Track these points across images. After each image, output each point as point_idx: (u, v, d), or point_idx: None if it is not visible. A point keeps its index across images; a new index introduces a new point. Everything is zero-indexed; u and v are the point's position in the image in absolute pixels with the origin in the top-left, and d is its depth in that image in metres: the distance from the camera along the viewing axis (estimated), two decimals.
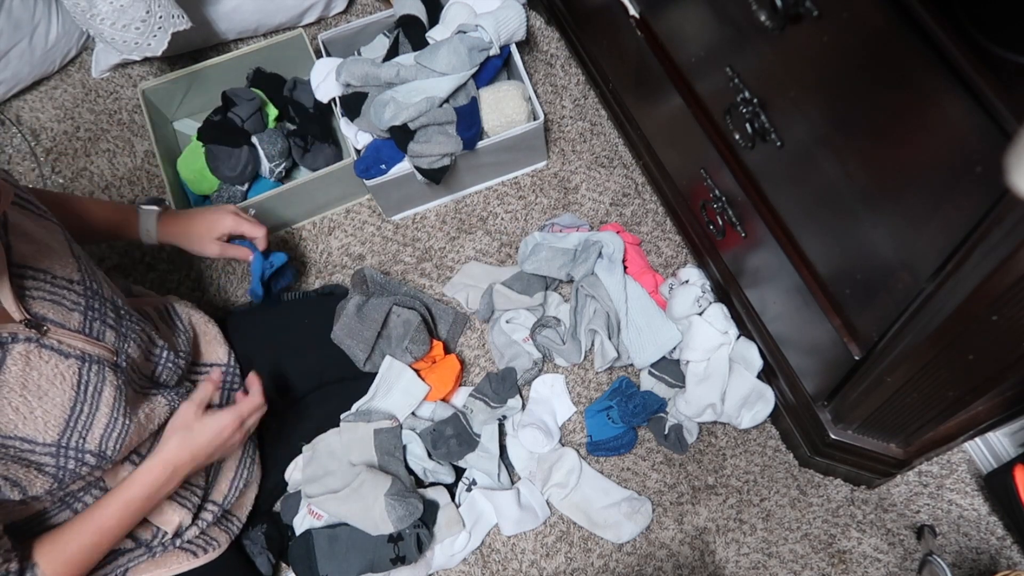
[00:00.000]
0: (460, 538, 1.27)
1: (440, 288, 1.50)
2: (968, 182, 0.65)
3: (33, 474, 0.87)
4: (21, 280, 0.87)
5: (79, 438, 0.90)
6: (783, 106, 0.90)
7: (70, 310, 0.91)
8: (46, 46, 1.69)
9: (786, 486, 1.31)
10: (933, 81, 0.63)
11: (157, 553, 1.07)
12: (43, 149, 1.71)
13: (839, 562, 1.26)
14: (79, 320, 0.92)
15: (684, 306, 1.32)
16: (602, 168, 1.57)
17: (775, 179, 1.01)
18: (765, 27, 0.82)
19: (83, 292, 0.93)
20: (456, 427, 1.29)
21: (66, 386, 0.89)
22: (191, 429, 1.01)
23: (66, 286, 0.92)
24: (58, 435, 0.88)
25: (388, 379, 1.32)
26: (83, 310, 0.93)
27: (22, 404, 0.85)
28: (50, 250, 0.92)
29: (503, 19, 1.42)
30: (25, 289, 0.87)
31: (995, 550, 1.24)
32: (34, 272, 0.89)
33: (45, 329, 0.88)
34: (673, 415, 1.33)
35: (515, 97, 1.43)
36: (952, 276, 0.72)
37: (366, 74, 1.42)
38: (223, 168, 1.49)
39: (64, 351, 0.89)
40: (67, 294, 0.92)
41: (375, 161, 1.43)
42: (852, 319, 0.96)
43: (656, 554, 1.29)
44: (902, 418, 1.04)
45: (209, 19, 1.67)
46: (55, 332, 0.89)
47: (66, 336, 0.90)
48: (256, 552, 1.23)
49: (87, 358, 0.91)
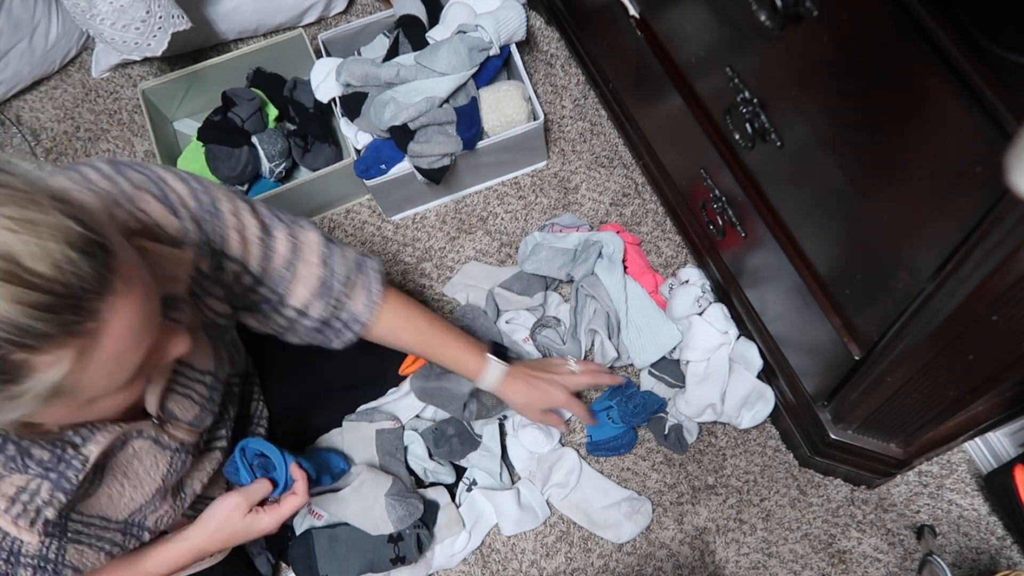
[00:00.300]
0: (460, 538, 1.27)
1: (440, 288, 1.50)
2: (968, 182, 0.65)
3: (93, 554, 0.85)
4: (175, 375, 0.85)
5: (143, 517, 0.89)
6: (783, 106, 0.90)
7: (194, 403, 0.88)
8: (46, 46, 1.69)
9: (786, 486, 1.31)
10: (933, 81, 0.63)
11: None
12: (43, 149, 1.71)
13: (839, 562, 1.26)
14: (196, 413, 0.89)
15: (684, 306, 1.32)
16: (602, 168, 1.57)
17: (775, 179, 1.01)
18: (765, 27, 0.82)
19: (211, 383, 0.90)
20: (457, 427, 1.29)
21: (157, 476, 0.87)
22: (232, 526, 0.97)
23: (199, 379, 0.88)
24: (129, 514, 0.87)
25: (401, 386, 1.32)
26: (204, 402, 0.90)
27: (115, 491, 0.83)
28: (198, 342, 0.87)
29: (503, 19, 1.42)
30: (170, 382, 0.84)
31: (995, 550, 1.24)
32: (180, 367, 0.86)
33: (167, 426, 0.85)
34: (673, 415, 1.33)
35: (515, 97, 1.43)
36: (952, 276, 0.72)
37: (366, 74, 1.42)
38: (223, 168, 1.49)
39: (165, 444, 0.86)
40: (198, 387, 0.88)
41: (375, 161, 1.43)
42: (852, 319, 0.96)
43: (656, 554, 1.29)
44: (902, 418, 1.04)
45: (209, 19, 1.67)
46: (171, 427, 0.86)
47: (176, 430, 0.87)
48: (256, 552, 1.24)
49: (181, 448, 0.89)
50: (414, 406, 1.32)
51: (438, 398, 1.26)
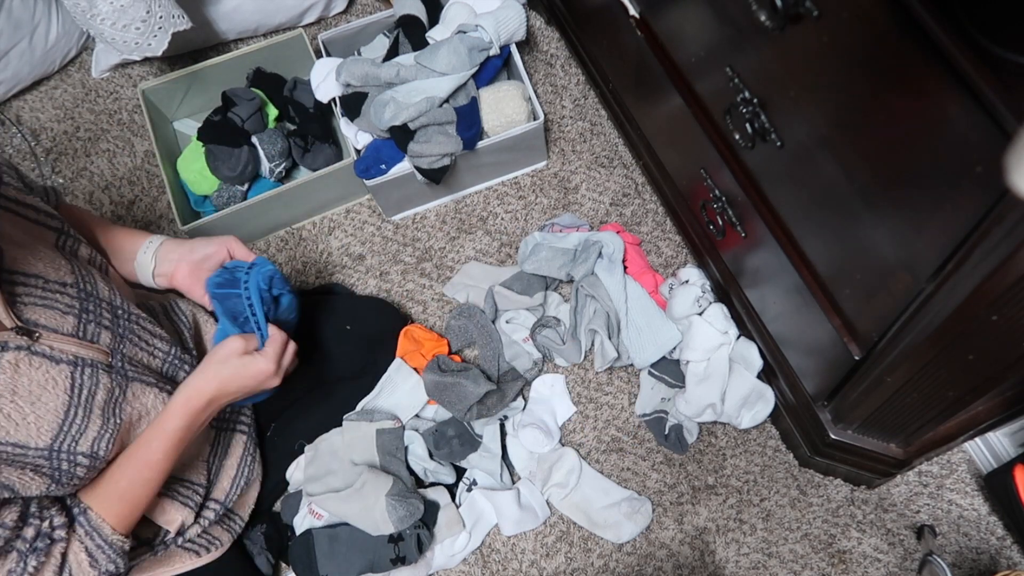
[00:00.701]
0: (460, 538, 1.27)
1: (440, 288, 1.50)
2: (968, 182, 0.65)
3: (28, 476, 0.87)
4: (12, 286, 0.87)
5: (72, 441, 0.90)
6: (783, 106, 0.90)
7: (64, 314, 0.90)
8: (46, 46, 1.69)
9: (786, 486, 1.31)
10: (933, 81, 0.63)
11: (160, 552, 1.07)
12: (43, 149, 1.71)
13: (839, 562, 1.26)
14: (73, 323, 0.91)
15: (684, 306, 1.32)
16: (602, 168, 1.57)
17: (775, 179, 1.01)
18: (765, 27, 0.82)
19: (77, 295, 0.93)
20: (458, 428, 1.29)
21: (59, 391, 0.88)
22: (228, 364, 0.99)
23: (59, 290, 0.91)
24: (51, 439, 0.87)
25: (395, 380, 1.32)
26: (77, 313, 0.92)
27: (14, 411, 0.84)
28: (41, 254, 0.91)
29: (503, 19, 1.42)
30: (16, 295, 0.87)
31: (995, 550, 1.24)
32: (25, 277, 0.88)
33: (37, 335, 0.87)
34: (673, 415, 1.33)
35: (515, 97, 1.43)
36: (952, 276, 0.72)
37: (366, 74, 1.42)
38: (223, 168, 1.49)
39: (56, 356, 0.88)
40: (60, 298, 0.91)
41: (375, 161, 1.43)
42: (852, 319, 0.96)
43: (656, 554, 1.29)
44: (902, 418, 1.04)
45: (209, 19, 1.67)
46: (47, 337, 0.88)
47: (58, 341, 0.89)
48: (256, 552, 1.23)
49: (80, 362, 0.91)
50: (414, 405, 1.32)
51: (448, 394, 1.26)
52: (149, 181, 1.66)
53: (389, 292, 1.51)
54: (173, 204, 1.47)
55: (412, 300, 1.50)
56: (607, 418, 1.38)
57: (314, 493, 1.24)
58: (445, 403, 1.28)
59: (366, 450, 1.26)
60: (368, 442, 1.27)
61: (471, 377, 1.27)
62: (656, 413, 1.34)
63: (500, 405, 1.30)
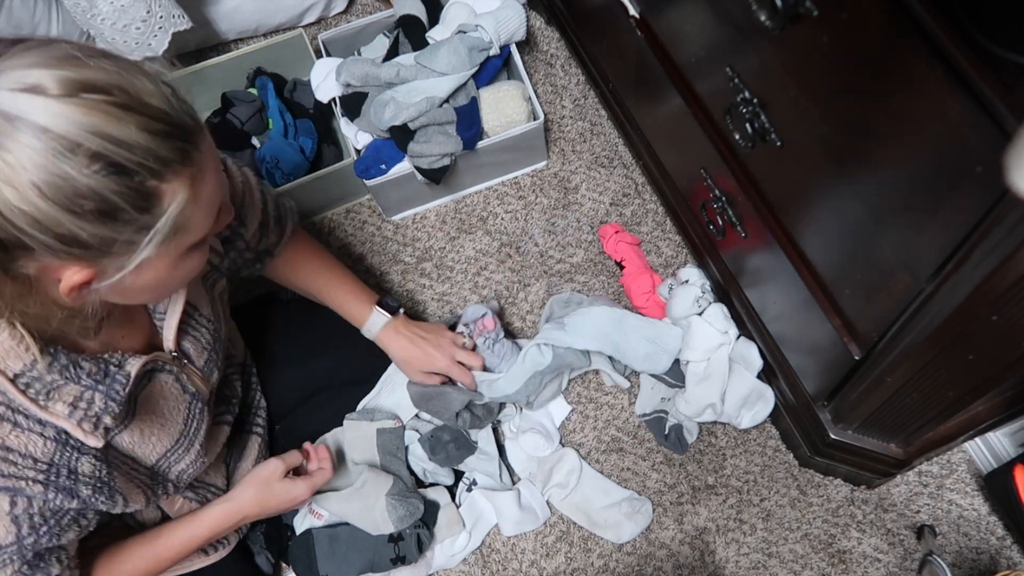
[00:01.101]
0: (460, 538, 1.27)
1: (440, 288, 1.50)
2: (968, 182, 0.65)
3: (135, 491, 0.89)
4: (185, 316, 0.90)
5: (167, 465, 0.93)
6: (783, 106, 0.90)
7: (203, 349, 0.94)
8: None
9: (786, 486, 1.31)
10: (933, 81, 0.63)
11: None
12: None
13: (839, 562, 1.26)
14: (204, 359, 0.94)
15: (684, 306, 1.32)
16: (602, 168, 1.57)
17: (775, 179, 1.01)
18: (765, 27, 0.82)
19: (212, 330, 0.96)
20: (453, 432, 1.28)
21: (179, 418, 0.91)
22: (271, 487, 1.05)
23: (205, 325, 0.95)
24: (157, 459, 0.90)
25: (395, 379, 1.32)
26: (209, 350, 0.95)
27: (147, 426, 0.87)
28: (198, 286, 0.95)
29: (503, 19, 1.42)
30: (182, 322, 0.90)
31: (995, 550, 1.24)
32: (193, 309, 0.92)
33: (185, 364, 0.91)
34: (673, 415, 1.33)
35: (515, 97, 1.43)
36: (952, 276, 0.72)
37: (366, 74, 1.42)
38: None
39: (186, 387, 0.92)
40: (204, 333, 0.94)
41: (375, 161, 1.43)
42: (852, 319, 0.96)
43: (656, 554, 1.29)
44: (902, 418, 1.04)
45: (209, 19, 1.67)
46: (187, 368, 0.92)
47: (192, 373, 0.93)
48: (256, 551, 1.23)
49: (198, 396, 0.94)
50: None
51: (433, 404, 1.26)
52: None
53: (389, 292, 1.51)
54: None
55: (412, 300, 1.50)
56: (607, 418, 1.38)
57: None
58: (432, 412, 1.28)
59: (366, 449, 1.26)
60: (368, 442, 1.26)
61: (455, 385, 1.26)
62: (656, 413, 1.34)
63: (491, 415, 1.30)
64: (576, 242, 1.51)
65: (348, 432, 1.28)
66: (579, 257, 1.50)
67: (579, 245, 1.51)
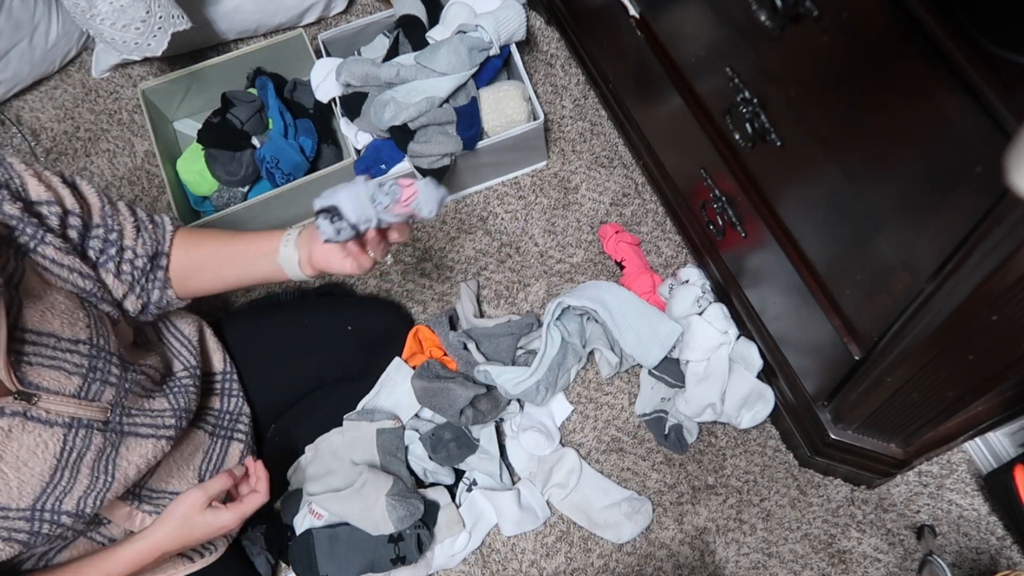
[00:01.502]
0: (460, 538, 1.27)
1: (440, 287, 1.50)
2: (968, 182, 0.65)
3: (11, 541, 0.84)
4: (22, 345, 0.82)
5: (55, 501, 0.87)
6: (783, 106, 0.90)
7: (70, 374, 0.86)
8: (46, 46, 1.69)
9: (786, 486, 1.31)
10: (933, 81, 0.63)
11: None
12: (43, 149, 1.71)
13: (839, 562, 1.26)
14: (78, 384, 0.87)
15: (684, 306, 1.32)
16: (602, 168, 1.57)
17: (775, 179, 1.01)
18: (765, 27, 0.82)
19: (88, 352, 0.88)
20: (455, 431, 1.28)
21: (48, 455, 0.85)
22: (190, 523, 0.97)
23: (70, 348, 0.86)
24: (33, 500, 0.85)
25: (394, 379, 1.32)
26: (85, 372, 0.87)
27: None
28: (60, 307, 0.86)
29: (503, 19, 1.42)
30: (24, 355, 0.82)
31: (995, 550, 1.24)
32: (38, 336, 0.83)
33: (36, 399, 0.83)
34: (673, 415, 1.33)
35: (515, 97, 1.43)
36: (952, 276, 0.72)
37: (366, 74, 1.42)
38: (222, 172, 1.49)
39: (51, 420, 0.85)
40: (70, 356, 0.86)
41: (375, 161, 1.44)
42: (852, 319, 0.96)
43: (656, 554, 1.29)
44: (902, 418, 1.04)
45: (209, 19, 1.67)
46: (46, 400, 0.84)
47: (57, 403, 0.85)
48: (255, 552, 1.23)
49: (75, 423, 0.87)
50: (414, 404, 1.31)
51: (438, 399, 1.26)
52: (149, 181, 1.66)
53: (389, 292, 1.51)
54: (173, 204, 1.47)
55: (412, 300, 1.50)
56: (607, 418, 1.38)
57: (314, 493, 1.24)
58: (436, 408, 1.28)
59: (366, 450, 1.26)
60: (368, 442, 1.27)
61: (459, 381, 1.26)
62: (656, 413, 1.34)
63: (495, 411, 1.30)
64: (576, 242, 1.51)
65: (348, 432, 1.28)
66: (579, 257, 1.50)
67: (579, 245, 1.51)
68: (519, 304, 1.48)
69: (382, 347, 1.34)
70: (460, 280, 1.50)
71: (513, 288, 1.49)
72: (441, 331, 1.36)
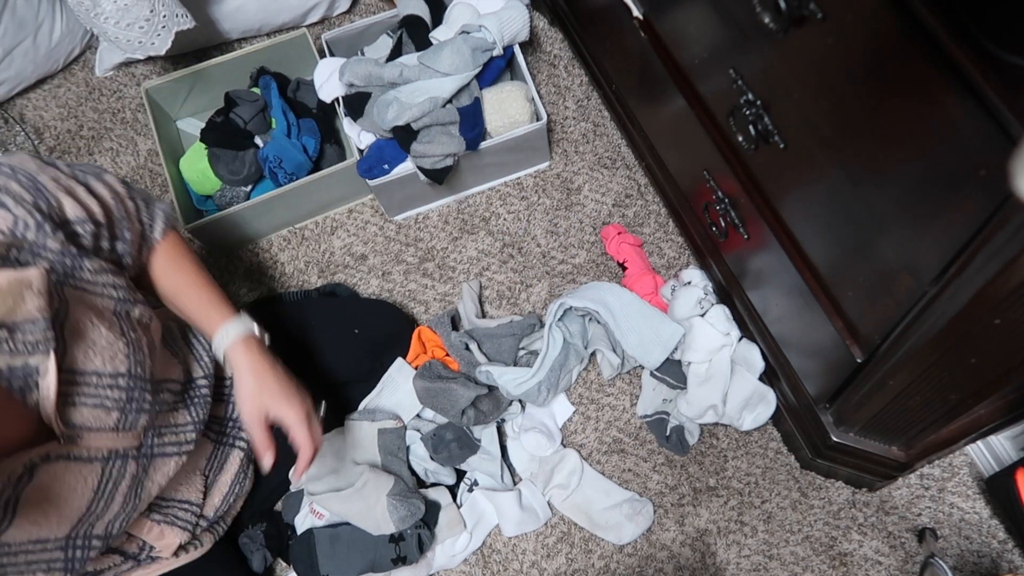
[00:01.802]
0: (461, 539, 1.27)
1: (443, 288, 1.50)
2: (972, 186, 0.65)
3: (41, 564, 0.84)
4: (67, 387, 0.81)
5: (88, 527, 0.88)
6: (786, 108, 0.90)
7: (110, 410, 0.86)
8: (50, 45, 1.69)
9: (787, 488, 1.31)
10: (937, 84, 0.63)
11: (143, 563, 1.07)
12: (46, 148, 1.71)
13: (840, 564, 1.26)
14: (116, 418, 0.87)
15: (686, 307, 1.32)
16: (605, 169, 1.57)
17: (778, 181, 1.01)
18: (769, 29, 0.82)
19: (126, 385, 0.87)
20: (456, 431, 1.29)
21: (87, 489, 0.86)
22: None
23: (111, 384, 0.85)
24: (69, 530, 0.86)
25: (396, 379, 1.32)
26: (123, 405, 0.87)
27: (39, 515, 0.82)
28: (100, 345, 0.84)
29: (506, 20, 1.42)
30: (68, 397, 0.81)
31: (996, 553, 1.24)
32: (81, 376, 0.82)
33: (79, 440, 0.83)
34: (675, 416, 1.33)
35: (518, 98, 1.43)
36: (955, 280, 0.72)
37: (369, 74, 1.42)
38: (225, 172, 1.49)
39: (90, 456, 0.85)
40: (110, 392, 0.86)
41: (378, 161, 1.44)
42: (854, 322, 0.95)
43: (657, 555, 1.29)
44: (904, 421, 1.03)
45: (213, 18, 1.67)
46: (87, 438, 0.84)
47: (96, 439, 0.85)
48: (253, 549, 1.24)
49: (112, 456, 0.88)
50: (415, 404, 1.32)
51: (440, 400, 1.26)
52: (152, 180, 1.67)
53: (391, 292, 1.51)
54: (176, 203, 1.47)
55: (414, 300, 1.50)
56: (608, 419, 1.38)
57: (315, 492, 1.24)
58: (438, 408, 1.28)
59: (368, 450, 1.26)
60: (370, 442, 1.27)
61: (461, 381, 1.26)
62: (657, 414, 1.34)
63: (497, 411, 1.30)
64: (578, 243, 1.51)
65: (349, 432, 1.28)
66: (581, 258, 1.50)
67: (581, 246, 1.51)
68: (521, 305, 1.48)
69: (387, 349, 1.34)
70: (462, 280, 1.50)
71: (515, 289, 1.49)
72: (443, 331, 1.36)
